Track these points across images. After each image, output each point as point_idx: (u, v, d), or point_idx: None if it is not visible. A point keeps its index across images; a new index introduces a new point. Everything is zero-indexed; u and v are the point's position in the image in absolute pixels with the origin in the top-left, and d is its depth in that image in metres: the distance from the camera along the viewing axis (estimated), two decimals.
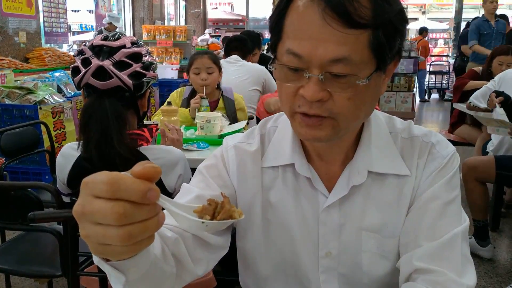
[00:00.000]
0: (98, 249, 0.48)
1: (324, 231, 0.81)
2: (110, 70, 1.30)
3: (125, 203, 0.45)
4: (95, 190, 0.46)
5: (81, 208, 0.46)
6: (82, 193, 0.47)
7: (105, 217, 0.45)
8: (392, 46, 0.68)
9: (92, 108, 1.32)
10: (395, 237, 0.80)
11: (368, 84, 0.67)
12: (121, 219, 0.45)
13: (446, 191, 0.77)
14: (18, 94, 3.56)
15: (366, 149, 0.80)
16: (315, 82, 0.67)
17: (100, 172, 0.46)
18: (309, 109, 0.69)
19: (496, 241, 2.98)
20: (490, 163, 2.64)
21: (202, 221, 0.52)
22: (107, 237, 0.46)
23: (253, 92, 3.29)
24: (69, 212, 1.45)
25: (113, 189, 0.45)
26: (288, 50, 0.68)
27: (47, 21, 5.67)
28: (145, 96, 1.44)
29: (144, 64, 1.37)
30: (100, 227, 0.46)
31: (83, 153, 1.36)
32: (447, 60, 11.24)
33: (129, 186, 0.45)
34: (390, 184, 0.80)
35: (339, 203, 0.80)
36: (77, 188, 1.41)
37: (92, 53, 1.32)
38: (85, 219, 0.46)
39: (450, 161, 0.79)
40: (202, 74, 2.53)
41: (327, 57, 0.65)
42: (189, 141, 2.08)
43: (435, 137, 0.82)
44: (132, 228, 0.46)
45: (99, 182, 0.45)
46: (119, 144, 1.30)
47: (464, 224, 0.77)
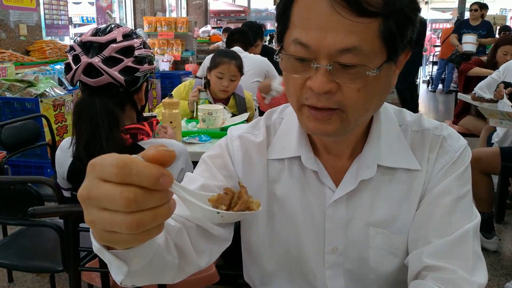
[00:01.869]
0: (104, 236, 0.44)
1: (331, 226, 0.79)
2: (100, 67, 1.26)
3: (135, 188, 0.42)
4: (104, 173, 0.42)
5: (86, 192, 0.43)
6: (89, 175, 0.43)
7: (113, 203, 0.42)
8: (403, 36, 0.65)
9: (82, 105, 1.29)
10: (404, 233, 0.78)
11: (378, 75, 0.64)
12: (131, 206, 0.42)
13: (458, 186, 0.75)
14: (19, 87, 3.54)
15: (376, 142, 0.77)
16: (323, 73, 0.64)
17: (110, 154, 0.43)
18: (316, 102, 0.66)
19: (501, 233, 2.96)
20: (495, 154, 2.60)
21: (218, 212, 0.49)
22: (114, 224, 0.42)
23: (255, 84, 3.26)
24: (70, 207, 1.44)
25: (123, 173, 0.42)
26: (295, 40, 0.65)
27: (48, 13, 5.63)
28: (141, 89, 1.40)
29: (137, 58, 1.32)
30: (107, 212, 0.42)
31: (73, 151, 1.34)
32: None
33: (141, 170, 0.42)
34: (400, 179, 0.78)
35: (346, 198, 0.78)
36: (77, 183, 1.41)
37: (82, 50, 1.28)
38: (90, 203, 0.43)
39: (462, 155, 0.77)
40: (224, 81, 2.46)
41: (335, 46, 0.62)
42: (191, 134, 2.05)
43: (446, 130, 0.80)
44: (142, 216, 0.42)
45: (108, 165, 0.42)
46: (107, 143, 1.27)
47: (476, 220, 0.75)
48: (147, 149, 0.44)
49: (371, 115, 0.75)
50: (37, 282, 2.34)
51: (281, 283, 0.86)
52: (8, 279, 2.35)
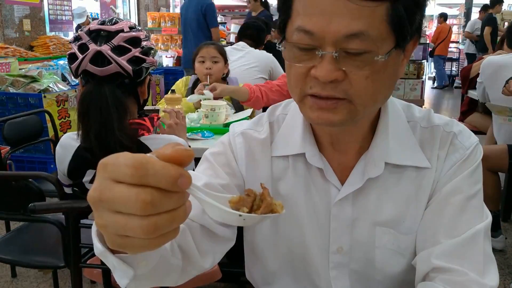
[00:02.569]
0: (116, 241, 0.41)
1: (336, 226, 0.77)
2: (109, 55, 1.25)
3: (152, 190, 0.39)
4: (117, 173, 0.39)
5: (98, 194, 0.40)
6: (100, 176, 0.40)
7: (128, 206, 0.39)
8: (412, 21, 0.63)
9: (90, 96, 1.27)
10: (412, 233, 0.75)
11: (386, 63, 0.62)
12: (147, 209, 0.39)
13: (469, 184, 0.73)
14: (23, 82, 3.54)
15: (383, 139, 0.74)
16: (328, 60, 0.61)
17: (123, 153, 0.40)
18: (321, 90, 0.63)
19: (507, 232, 2.93)
20: (503, 152, 2.57)
21: (240, 214, 0.45)
22: (128, 228, 0.39)
23: (259, 80, 3.22)
24: (71, 203, 1.43)
25: (140, 174, 0.39)
26: (298, 27, 0.63)
27: (52, 9, 5.64)
28: (145, 82, 1.39)
29: (143, 49, 1.32)
30: (121, 216, 0.39)
31: (82, 143, 1.32)
32: (457, 46, 11.04)
33: (158, 171, 0.39)
34: (409, 177, 0.75)
35: (352, 196, 0.75)
36: (78, 179, 1.40)
37: (89, 38, 1.27)
38: (102, 206, 0.40)
39: (473, 153, 0.74)
40: (206, 63, 2.50)
41: (341, 32, 0.60)
42: (194, 130, 2.03)
43: (457, 126, 0.77)
44: (158, 219, 0.40)
45: (122, 165, 0.39)
46: (120, 133, 1.26)
47: (487, 220, 0.72)
48: (163, 148, 0.41)
49: (379, 106, 0.72)
50: (40, 278, 2.34)
51: (284, 283, 0.84)
52: (12, 274, 2.35)
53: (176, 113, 1.64)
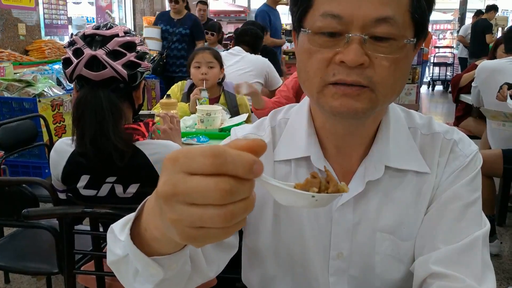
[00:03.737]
0: (190, 233, 0.41)
1: (337, 231, 0.76)
2: (104, 60, 1.25)
3: (229, 179, 0.39)
4: (192, 165, 0.39)
5: (172, 188, 0.40)
6: (170, 171, 0.40)
7: (206, 196, 0.39)
8: (430, 13, 0.66)
9: (85, 100, 1.27)
10: (412, 239, 0.75)
11: (407, 53, 0.65)
12: (226, 197, 0.39)
13: (468, 191, 0.73)
14: (17, 86, 3.52)
15: (384, 143, 0.75)
16: (357, 42, 0.62)
17: (194, 147, 0.40)
18: (347, 76, 0.63)
19: (502, 236, 2.94)
20: (498, 157, 2.58)
21: (313, 195, 0.45)
22: (205, 219, 0.39)
23: (255, 85, 3.21)
24: (65, 209, 1.41)
25: (218, 162, 0.39)
26: (324, 13, 0.63)
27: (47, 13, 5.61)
28: (139, 87, 1.39)
29: (138, 54, 1.32)
30: (196, 208, 0.39)
31: (77, 147, 1.31)
32: (451, 51, 11.11)
33: (235, 159, 0.39)
34: (409, 182, 0.75)
35: (353, 201, 0.75)
36: (72, 184, 1.38)
37: (84, 43, 1.27)
38: (176, 200, 0.40)
39: (473, 161, 0.75)
40: (202, 68, 2.51)
41: (371, 16, 0.61)
42: (189, 135, 2.03)
43: (457, 134, 0.78)
44: (234, 207, 0.40)
45: (198, 156, 0.39)
46: (115, 137, 1.25)
47: (485, 228, 0.72)
48: (235, 141, 0.42)
49: (395, 98, 0.73)
50: (34, 284, 2.32)
51: None
52: (5, 280, 2.33)
53: (170, 118, 1.64)
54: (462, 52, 8.98)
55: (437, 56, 10.94)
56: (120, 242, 0.56)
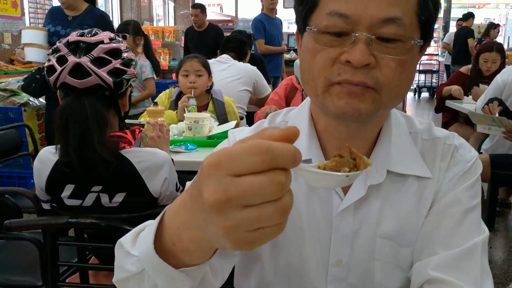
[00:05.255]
0: (246, 238, 0.39)
1: (337, 237, 0.75)
2: (88, 67, 1.23)
3: (280, 171, 0.38)
4: (240, 166, 0.37)
5: (223, 195, 0.37)
6: (214, 176, 0.38)
7: (263, 194, 0.37)
8: (437, 15, 0.66)
9: (69, 109, 1.24)
10: (412, 246, 0.74)
11: (413, 56, 0.64)
12: (282, 191, 0.38)
13: (468, 197, 0.72)
14: (2, 96, 3.47)
15: (386, 147, 0.74)
16: (364, 42, 0.61)
17: (231, 147, 0.38)
18: (352, 76, 0.62)
19: (491, 241, 2.95)
20: (485, 162, 2.60)
21: (346, 175, 0.45)
22: (263, 218, 0.38)
23: (243, 92, 3.23)
24: (49, 220, 1.38)
25: (268, 158, 0.37)
26: (331, 12, 0.63)
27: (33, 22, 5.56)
28: (126, 94, 1.37)
29: (124, 61, 1.30)
30: (252, 209, 0.38)
31: (61, 157, 1.28)
32: (436, 59, 11.27)
33: (282, 151, 0.38)
34: (410, 187, 0.74)
35: (354, 207, 0.74)
36: (57, 194, 1.35)
37: (68, 50, 1.25)
38: (230, 206, 0.38)
39: (473, 166, 0.74)
40: (190, 77, 2.48)
41: (379, 16, 0.61)
42: (177, 143, 2.01)
43: (458, 140, 0.77)
44: (286, 199, 0.39)
45: (244, 155, 0.37)
46: (100, 147, 1.22)
47: (484, 234, 0.72)
48: (266, 130, 0.40)
49: (400, 101, 0.72)
50: None
51: None
52: None
53: (160, 126, 1.62)
54: (447, 60, 9.12)
55: (423, 63, 11.08)
56: (133, 257, 0.54)
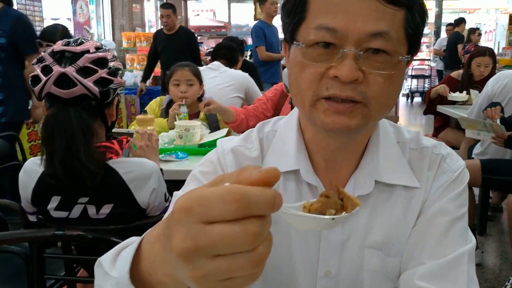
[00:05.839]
0: (218, 287, 0.37)
1: (326, 248, 0.74)
2: (74, 77, 1.21)
3: (255, 219, 0.36)
4: (212, 213, 0.35)
5: (192, 243, 0.35)
6: (184, 222, 0.36)
7: (235, 244, 0.35)
8: (423, 28, 0.67)
9: (55, 119, 1.22)
10: (400, 256, 0.74)
11: (401, 69, 0.65)
12: (256, 241, 0.36)
13: (455, 207, 0.72)
14: None
15: (373, 157, 0.74)
16: (351, 59, 0.61)
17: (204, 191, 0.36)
18: (340, 91, 0.62)
19: (483, 246, 2.95)
20: (476, 167, 2.61)
21: (332, 218, 0.43)
22: (234, 269, 0.36)
23: (235, 99, 3.22)
24: (34, 232, 1.35)
25: (244, 206, 0.35)
26: (319, 25, 0.63)
27: None
28: (112, 104, 1.36)
29: (111, 70, 1.28)
30: (223, 259, 0.36)
31: (46, 168, 1.26)
32: (428, 64, 11.35)
33: (259, 198, 0.35)
34: (398, 197, 0.74)
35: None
36: (43, 206, 1.32)
37: (53, 60, 1.23)
38: (198, 255, 0.36)
39: (460, 176, 0.74)
40: (181, 87, 2.45)
41: (366, 30, 0.61)
42: (167, 151, 1.99)
43: (445, 149, 0.78)
44: (263, 248, 0.37)
45: (217, 202, 0.35)
46: (86, 158, 1.20)
47: (471, 244, 0.71)
48: (244, 173, 0.37)
49: (387, 114, 0.72)
50: None
51: None
52: None
53: (149, 136, 1.60)
54: (438, 65, 9.20)
55: (415, 68, 11.15)
56: (112, 278, 0.52)
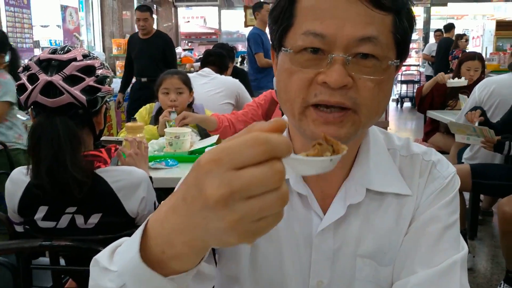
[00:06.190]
0: (251, 229, 0.40)
1: (317, 258, 0.73)
2: (60, 86, 1.19)
3: (277, 160, 0.40)
4: (241, 159, 0.39)
5: (228, 188, 0.38)
6: (216, 172, 0.39)
7: (266, 183, 0.39)
8: (412, 33, 0.67)
9: (41, 128, 1.20)
10: (392, 265, 0.73)
11: (390, 74, 0.64)
12: (283, 178, 0.40)
13: (446, 214, 0.72)
14: None
15: (364, 165, 0.73)
16: (340, 64, 0.61)
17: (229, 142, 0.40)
18: (330, 97, 0.62)
19: (475, 250, 2.96)
20: (466, 172, 2.62)
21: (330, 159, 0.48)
22: (266, 207, 0.39)
23: (225, 105, 3.21)
24: (21, 243, 1.32)
25: (269, 149, 0.39)
26: (307, 31, 0.62)
27: (12, 36, 5.47)
28: (100, 112, 1.34)
29: (98, 78, 1.27)
30: (255, 199, 0.39)
31: (32, 179, 1.24)
32: (417, 69, 11.45)
33: (278, 141, 0.40)
34: (389, 205, 0.73)
35: (334, 226, 0.73)
36: (30, 216, 1.30)
37: (39, 68, 1.21)
38: (234, 199, 0.39)
39: (451, 182, 0.74)
40: (171, 95, 2.44)
41: (355, 35, 0.61)
42: (157, 159, 1.97)
43: (435, 155, 0.77)
44: (285, 187, 0.40)
45: (245, 148, 0.39)
46: (73, 167, 1.19)
47: (463, 251, 0.71)
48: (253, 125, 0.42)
49: (377, 120, 0.72)
50: None
51: None
52: None
53: (138, 143, 1.58)
54: (427, 70, 9.29)
55: (404, 74, 11.25)
56: (111, 273, 0.52)
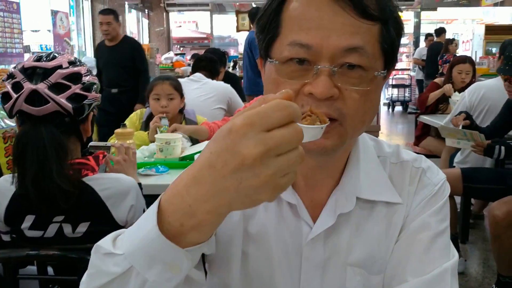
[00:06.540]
0: (279, 184, 0.45)
1: (307, 267, 0.72)
2: (46, 94, 1.17)
3: (294, 123, 0.45)
4: (271, 121, 0.44)
5: (263, 147, 0.43)
6: (250, 135, 0.44)
7: (292, 142, 0.45)
8: (399, 42, 0.66)
9: (26, 137, 1.18)
10: (383, 273, 0.72)
11: (377, 84, 0.64)
12: (301, 138, 0.46)
13: (436, 221, 0.71)
14: None
15: (354, 173, 0.73)
16: (326, 75, 0.60)
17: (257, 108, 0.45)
18: (316, 108, 0.61)
19: (466, 254, 2.97)
20: (457, 176, 2.63)
21: (321, 127, 0.53)
22: (291, 163, 0.45)
23: (217, 110, 3.21)
24: (8, 253, 1.30)
25: (292, 112, 0.45)
26: (292, 42, 0.62)
27: (1, 41, 5.43)
28: (88, 119, 1.32)
29: (85, 85, 1.25)
30: (283, 157, 0.45)
31: (18, 189, 1.21)
32: (408, 73, 11.53)
33: (296, 106, 0.46)
34: (379, 213, 0.73)
35: (324, 235, 0.72)
36: (16, 225, 1.28)
37: (24, 76, 1.19)
38: (268, 156, 0.44)
39: (441, 189, 0.74)
40: (162, 101, 2.42)
41: (341, 45, 0.60)
42: (147, 165, 1.95)
43: (425, 162, 0.77)
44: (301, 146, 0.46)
45: (273, 112, 0.44)
46: (59, 177, 1.16)
47: (454, 259, 0.70)
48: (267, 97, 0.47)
49: (363, 131, 0.72)
50: None
51: None
52: None
53: (126, 149, 1.56)
54: (418, 74, 9.36)
55: (395, 78, 11.32)
56: (116, 256, 0.52)
